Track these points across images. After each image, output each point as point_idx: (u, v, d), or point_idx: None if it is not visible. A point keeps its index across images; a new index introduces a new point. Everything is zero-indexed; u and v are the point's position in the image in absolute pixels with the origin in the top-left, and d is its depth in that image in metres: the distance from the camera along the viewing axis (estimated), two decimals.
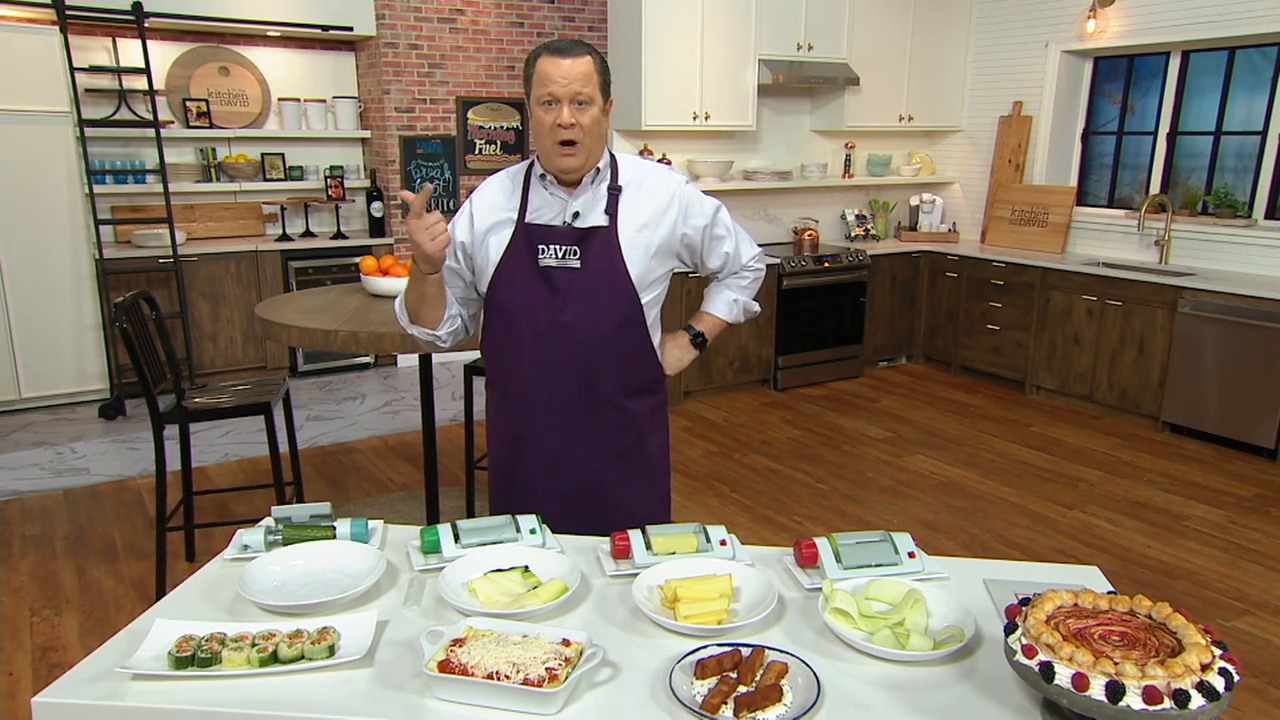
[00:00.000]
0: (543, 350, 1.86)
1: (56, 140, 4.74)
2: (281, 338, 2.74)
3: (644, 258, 1.86)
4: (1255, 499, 4.01)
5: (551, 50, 1.74)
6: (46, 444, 4.47)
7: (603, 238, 1.83)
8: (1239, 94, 5.17)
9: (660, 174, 1.92)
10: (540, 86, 1.74)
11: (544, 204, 1.86)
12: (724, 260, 2.03)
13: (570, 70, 1.72)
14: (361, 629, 1.33)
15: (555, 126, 1.74)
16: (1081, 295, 5.20)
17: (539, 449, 1.93)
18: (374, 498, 3.89)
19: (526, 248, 1.84)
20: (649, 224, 1.86)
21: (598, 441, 1.92)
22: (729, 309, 2.10)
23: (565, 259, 1.83)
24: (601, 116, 1.79)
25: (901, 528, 3.66)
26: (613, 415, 1.92)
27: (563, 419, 1.90)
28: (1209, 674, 1.05)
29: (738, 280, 2.08)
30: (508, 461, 1.99)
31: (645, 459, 2.00)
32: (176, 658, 1.22)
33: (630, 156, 1.94)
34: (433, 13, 5.63)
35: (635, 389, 1.94)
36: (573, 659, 1.23)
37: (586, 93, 1.74)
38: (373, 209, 5.77)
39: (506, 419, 1.97)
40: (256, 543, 1.57)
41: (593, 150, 1.80)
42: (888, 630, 1.33)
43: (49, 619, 2.90)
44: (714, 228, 1.96)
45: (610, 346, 1.87)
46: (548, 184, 1.86)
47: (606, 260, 1.83)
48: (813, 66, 5.71)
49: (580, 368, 1.86)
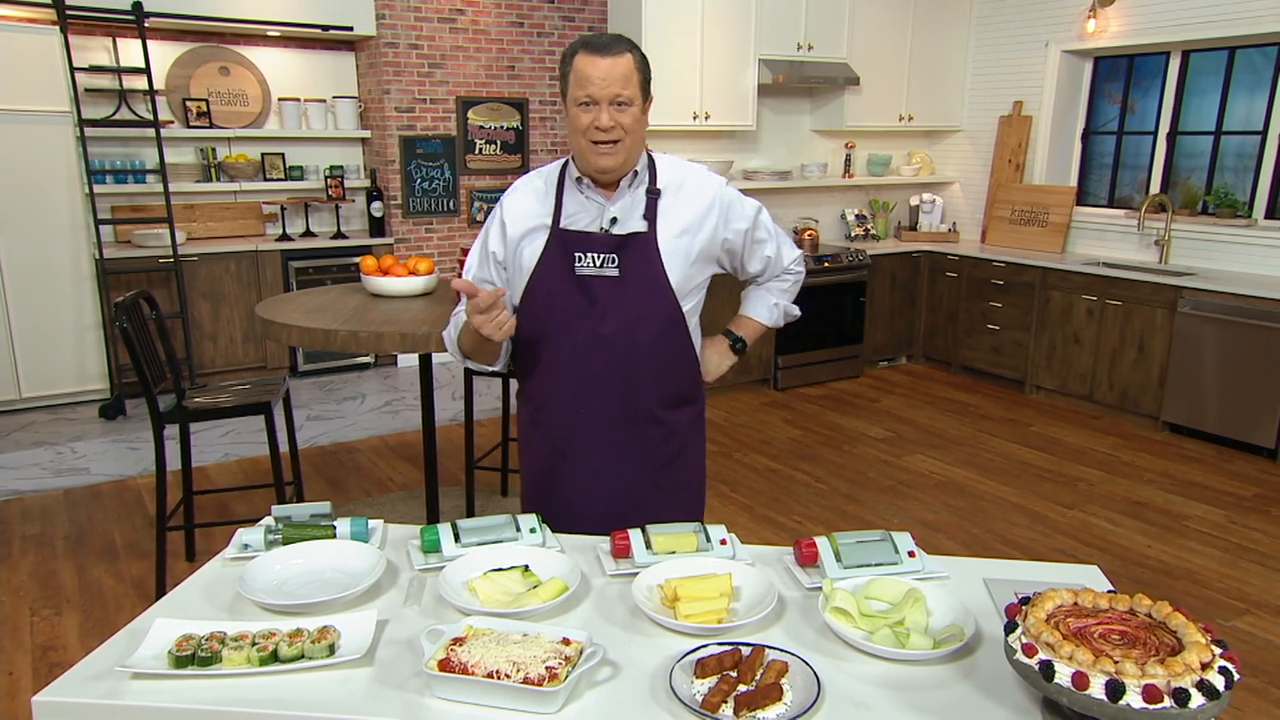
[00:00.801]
0: (580, 363, 1.78)
1: (57, 140, 4.74)
2: (282, 337, 2.73)
3: (684, 264, 1.77)
4: (1255, 499, 4.01)
5: (590, 48, 1.66)
6: (47, 444, 4.47)
7: (642, 244, 1.75)
8: (1239, 94, 5.17)
9: (700, 175, 1.83)
10: (578, 87, 1.66)
11: (580, 209, 1.78)
12: (765, 264, 1.94)
13: (610, 71, 1.64)
14: (361, 628, 1.33)
15: (593, 128, 1.67)
16: (1081, 295, 5.20)
17: (577, 465, 1.85)
18: (374, 497, 3.89)
19: (562, 256, 1.75)
20: (689, 229, 1.78)
21: (638, 457, 1.85)
22: (770, 313, 2.01)
23: (603, 267, 1.74)
24: (641, 116, 1.71)
25: (901, 527, 3.65)
26: (653, 429, 1.85)
27: (602, 434, 1.83)
28: (1209, 673, 1.05)
29: (779, 284, 2.00)
30: (544, 479, 1.91)
31: (684, 471, 1.93)
32: (176, 657, 1.22)
33: (669, 157, 1.85)
34: (433, 12, 5.64)
35: (676, 400, 1.87)
36: (573, 658, 1.23)
37: (627, 94, 1.66)
38: (373, 209, 5.77)
39: (542, 434, 1.89)
40: (257, 542, 1.57)
41: (632, 151, 1.72)
42: (888, 629, 1.33)
43: (49, 618, 2.90)
44: (755, 231, 1.88)
45: (651, 358, 1.79)
46: (583, 187, 1.78)
47: (646, 268, 1.75)
48: (813, 66, 5.71)
49: (620, 380, 1.79)
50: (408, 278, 3.11)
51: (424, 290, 3.16)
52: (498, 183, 6.13)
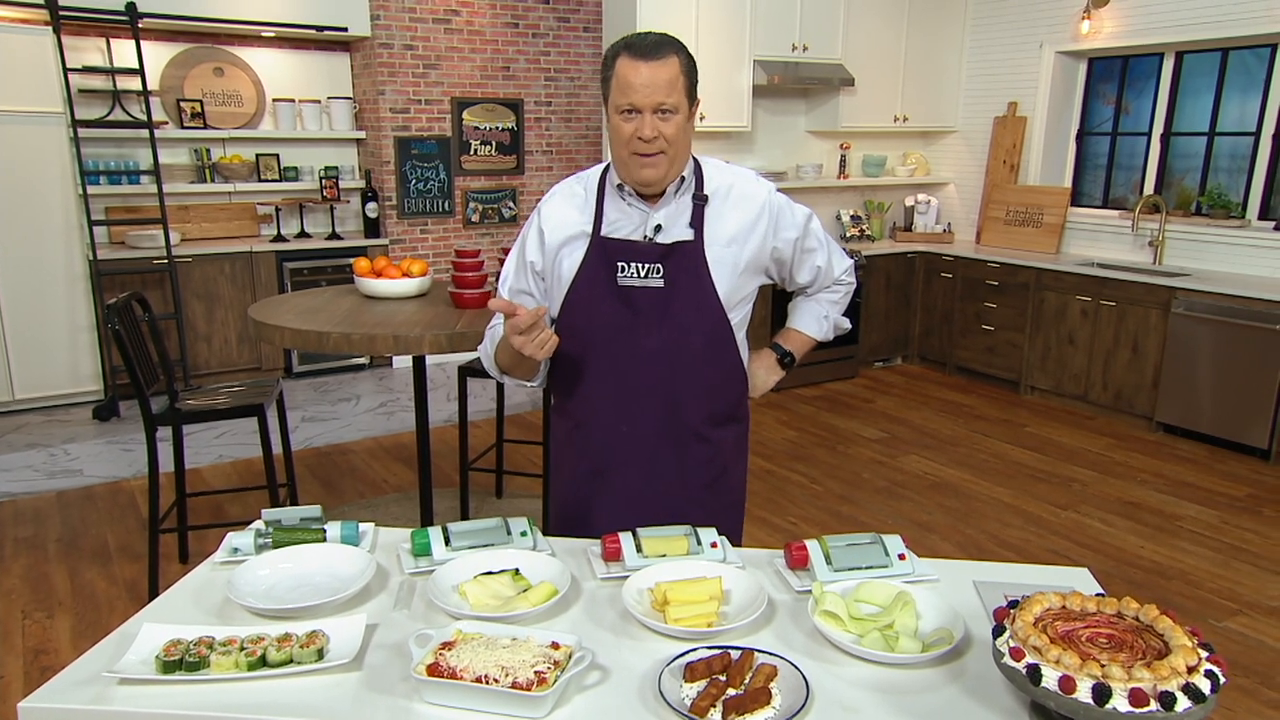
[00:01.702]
0: (623, 378, 1.71)
1: (50, 141, 4.73)
2: (274, 339, 2.73)
3: (732, 275, 1.69)
4: (1248, 499, 4.02)
5: (633, 51, 1.56)
6: (40, 445, 4.46)
7: (688, 254, 1.66)
8: (1232, 95, 5.18)
9: (749, 181, 1.75)
10: (620, 95, 1.57)
11: (622, 216, 1.69)
12: (814, 275, 1.84)
13: (653, 78, 1.54)
14: (350, 632, 1.32)
15: (635, 139, 1.58)
16: (1076, 296, 5.21)
17: (619, 485, 1.77)
18: (368, 499, 3.89)
19: (603, 266, 1.67)
20: (737, 238, 1.70)
21: (681, 477, 1.77)
22: (819, 326, 1.91)
23: (647, 278, 1.66)
24: (687, 124, 1.62)
25: (896, 528, 3.66)
26: (699, 447, 1.77)
27: (645, 453, 1.75)
28: (1195, 676, 1.05)
29: (829, 295, 1.90)
30: (582, 498, 1.82)
31: (727, 493, 1.84)
32: (164, 662, 1.22)
33: (716, 161, 1.76)
34: (427, 13, 5.63)
35: (722, 418, 1.79)
36: (562, 662, 1.23)
37: (671, 101, 1.57)
38: (368, 210, 5.77)
39: (581, 452, 1.80)
40: (246, 546, 1.57)
41: (676, 160, 1.63)
42: (877, 633, 1.33)
43: (41, 621, 2.90)
44: (806, 240, 1.79)
45: (697, 373, 1.71)
46: (625, 194, 1.69)
47: (693, 279, 1.66)
48: (808, 67, 5.71)
49: (665, 397, 1.71)
50: (401, 279, 3.10)
51: (417, 292, 3.16)
52: (493, 184, 6.13)
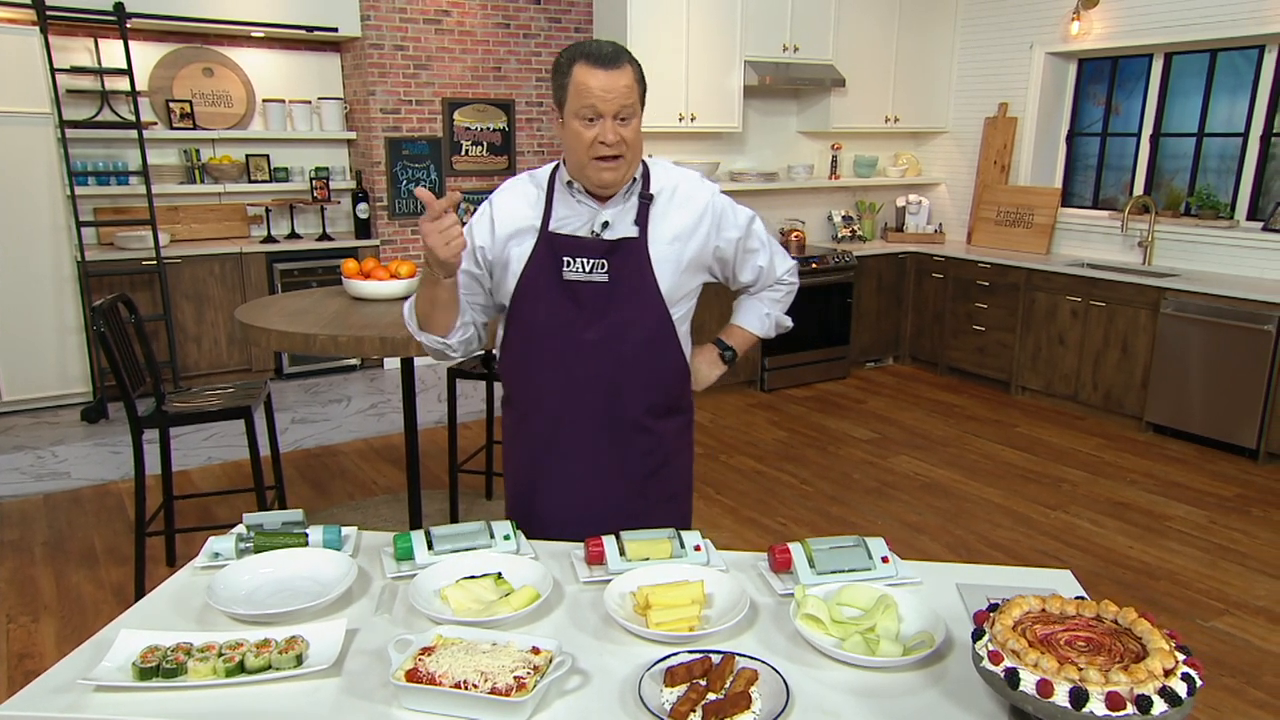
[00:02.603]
0: (566, 369, 1.76)
1: (37, 141, 4.70)
2: (261, 341, 2.72)
3: (674, 272, 1.76)
4: (1236, 499, 4.04)
5: (591, 59, 1.62)
6: (27, 448, 4.44)
7: (632, 250, 1.73)
8: (1221, 96, 5.20)
9: (693, 182, 1.81)
10: (579, 99, 1.62)
11: (571, 213, 1.75)
12: (756, 274, 1.92)
13: (612, 84, 1.61)
14: (330, 638, 1.32)
15: (597, 143, 1.64)
16: (1066, 296, 5.22)
17: (560, 473, 1.83)
18: (358, 501, 3.88)
19: (550, 260, 1.73)
20: (681, 236, 1.76)
21: (622, 465, 1.83)
22: (761, 323, 1.99)
23: (592, 273, 1.72)
24: (640, 127, 1.71)
25: (885, 529, 3.66)
26: (639, 437, 1.82)
27: (586, 442, 1.81)
28: (1172, 679, 1.05)
29: (771, 293, 1.98)
30: (527, 486, 1.89)
31: (669, 482, 1.90)
32: (141, 668, 1.21)
33: (662, 162, 1.83)
34: (418, 14, 5.62)
35: (663, 409, 1.84)
36: (542, 667, 1.23)
37: (630, 105, 1.64)
38: (358, 210, 5.75)
39: (525, 441, 1.87)
40: (227, 550, 1.56)
41: (633, 163, 1.71)
42: (858, 636, 1.33)
43: (26, 626, 2.88)
44: (748, 240, 1.86)
45: (638, 365, 1.77)
46: (574, 191, 1.75)
47: (636, 274, 1.72)
48: (798, 68, 5.72)
49: (606, 387, 1.77)
50: (389, 281, 3.10)
51: (405, 293, 3.15)
52: (484, 184, 6.12)
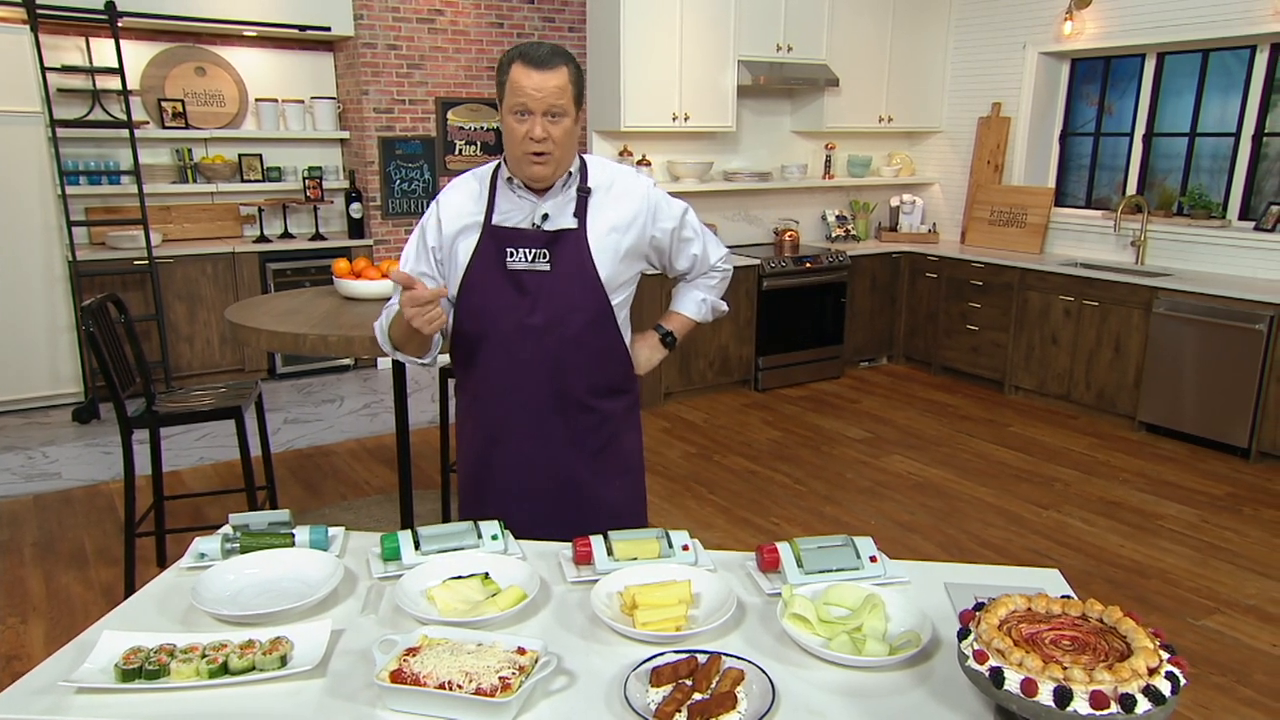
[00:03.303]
0: (513, 353, 1.85)
1: (28, 141, 4.69)
2: (252, 341, 2.71)
3: (613, 260, 1.86)
4: (1228, 498, 4.04)
5: (526, 60, 1.71)
6: (17, 448, 4.42)
7: (572, 240, 1.82)
8: (1213, 96, 5.21)
9: (629, 177, 1.92)
10: (513, 96, 1.72)
11: (512, 207, 1.85)
12: (692, 262, 2.03)
13: (544, 84, 1.70)
14: (315, 638, 1.31)
15: (527, 138, 1.73)
16: (1059, 296, 5.23)
17: (511, 450, 1.92)
18: (350, 501, 3.87)
19: (495, 251, 1.83)
20: (618, 227, 1.86)
21: (570, 441, 1.92)
22: (698, 308, 2.11)
23: (534, 262, 1.82)
24: (573, 127, 1.79)
25: (878, 528, 3.67)
26: (584, 415, 1.92)
27: (535, 420, 1.90)
28: (1155, 678, 1.05)
29: (706, 280, 2.09)
30: (479, 464, 1.97)
31: (620, 458, 2.00)
32: (123, 670, 1.20)
33: (599, 159, 1.93)
34: (411, 13, 5.61)
35: (606, 389, 1.94)
36: (527, 667, 1.22)
37: (560, 105, 1.72)
38: (351, 210, 5.74)
39: (477, 422, 1.96)
40: (213, 551, 1.56)
41: (563, 160, 1.80)
42: (845, 635, 1.33)
43: (14, 627, 2.87)
44: (682, 230, 1.97)
45: (580, 348, 1.87)
46: (515, 187, 1.84)
47: (576, 263, 1.82)
48: (792, 68, 5.72)
49: (551, 369, 1.86)
50: (380, 280, 3.08)
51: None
52: None
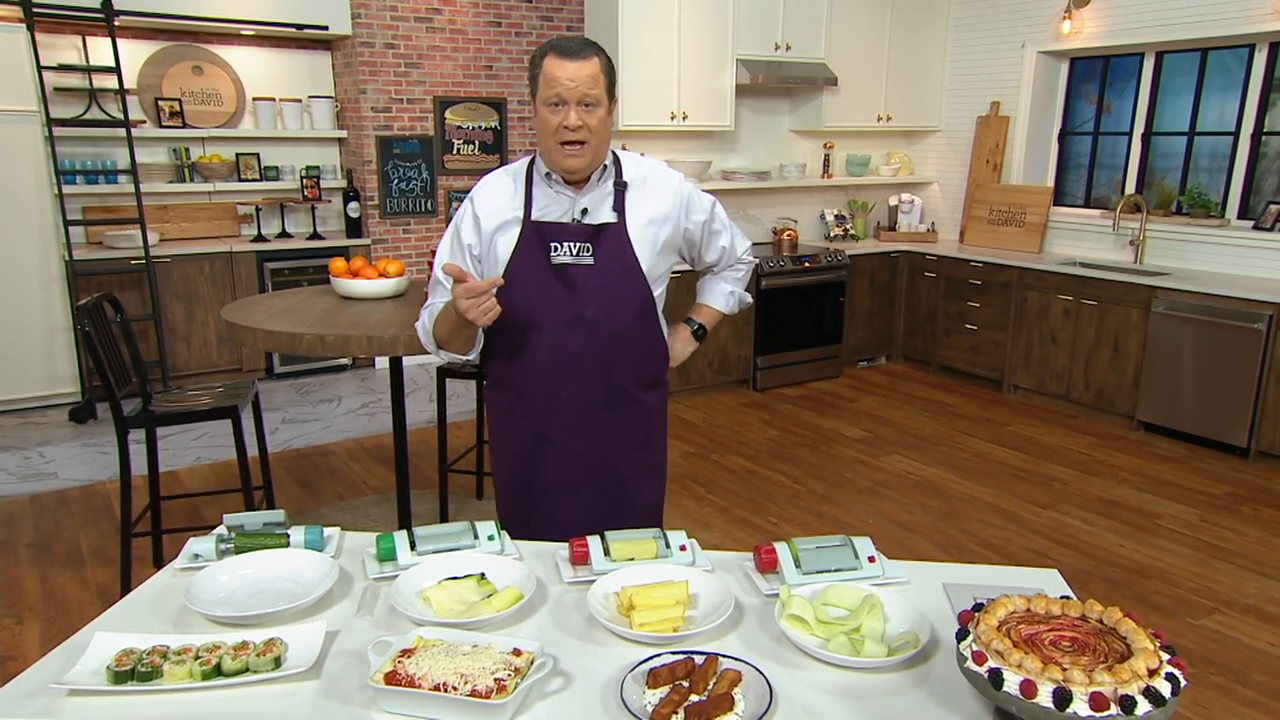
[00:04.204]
0: (563, 346, 1.86)
1: (24, 140, 4.67)
2: (248, 341, 2.70)
3: (652, 252, 1.88)
4: (1227, 497, 4.04)
5: (559, 51, 1.74)
6: (14, 448, 4.40)
7: (614, 234, 1.85)
8: (1212, 95, 5.21)
9: (662, 171, 1.95)
10: (547, 88, 1.74)
11: (550, 202, 1.86)
12: (720, 254, 2.08)
13: (578, 73, 1.72)
14: (310, 640, 1.30)
15: (561, 128, 1.75)
16: (1058, 295, 5.23)
17: (560, 446, 1.93)
18: (347, 501, 3.86)
19: (538, 246, 1.84)
20: (655, 219, 1.89)
21: (617, 435, 1.95)
22: (726, 300, 2.16)
23: (579, 256, 1.84)
24: (607, 117, 1.81)
25: (877, 528, 3.66)
26: (631, 408, 1.95)
27: (585, 413, 1.91)
28: (1156, 679, 1.04)
29: (732, 273, 2.14)
30: (526, 462, 1.97)
31: (653, 450, 2.04)
32: (115, 672, 1.19)
33: (630, 154, 1.95)
34: (409, 12, 5.59)
35: (649, 381, 1.98)
36: (523, 669, 1.22)
37: (594, 94, 1.75)
38: (349, 209, 5.73)
39: (523, 418, 1.95)
40: (208, 551, 1.55)
41: (598, 150, 1.81)
42: (843, 636, 1.32)
43: (9, 628, 2.86)
44: (712, 223, 2.01)
45: (629, 340, 1.90)
46: (552, 182, 1.86)
47: (619, 256, 1.85)
48: (791, 67, 5.71)
49: (601, 362, 1.88)
50: (377, 280, 3.08)
51: (394, 292, 3.13)
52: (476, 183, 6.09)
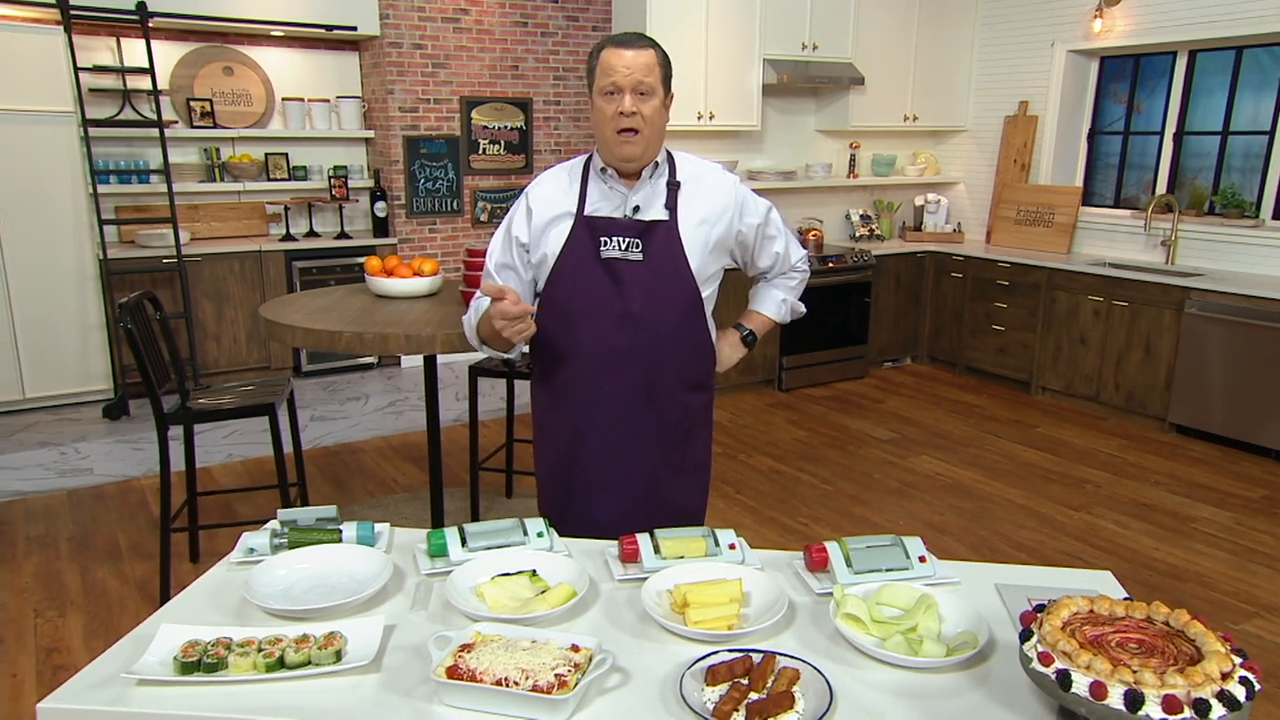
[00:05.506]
0: (608, 341, 1.87)
1: (60, 140, 4.73)
2: (286, 339, 2.72)
3: (702, 252, 1.88)
4: (1263, 500, 3.99)
5: (615, 42, 1.77)
6: (50, 444, 4.47)
7: (665, 231, 1.85)
8: (1246, 93, 5.14)
9: (717, 172, 1.94)
10: (604, 77, 1.77)
11: (603, 197, 1.87)
12: (774, 260, 2.06)
13: (633, 61, 1.75)
14: (369, 634, 1.31)
15: (617, 115, 1.76)
16: (1087, 296, 5.18)
17: (600, 442, 1.93)
18: (378, 498, 3.88)
19: (589, 240, 1.85)
20: (707, 220, 1.89)
21: (656, 434, 1.94)
22: (778, 308, 2.13)
23: (628, 251, 1.84)
24: (662, 108, 1.81)
25: (908, 529, 3.64)
26: (672, 408, 1.94)
27: (624, 410, 1.91)
28: (1229, 683, 1.03)
29: (786, 281, 2.12)
30: (566, 457, 1.98)
31: (693, 453, 2.02)
32: (182, 663, 1.21)
33: (686, 154, 1.95)
34: (437, 12, 5.62)
35: (692, 383, 1.96)
36: (582, 665, 1.22)
37: (649, 83, 1.76)
38: (376, 209, 5.76)
39: (566, 413, 1.96)
40: (262, 546, 1.56)
41: (652, 141, 1.81)
42: (900, 636, 1.32)
43: (53, 620, 2.90)
44: (767, 227, 2.00)
45: (674, 339, 1.89)
46: (607, 177, 1.87)
47: (669, 253, 1.85)
48: (817, 66, 5.69)
49: (645, 359, 1.88)
50: (413, 279, 3.10)
51: (429, 291, 3.15)
52: (501, 183, 6.12)
